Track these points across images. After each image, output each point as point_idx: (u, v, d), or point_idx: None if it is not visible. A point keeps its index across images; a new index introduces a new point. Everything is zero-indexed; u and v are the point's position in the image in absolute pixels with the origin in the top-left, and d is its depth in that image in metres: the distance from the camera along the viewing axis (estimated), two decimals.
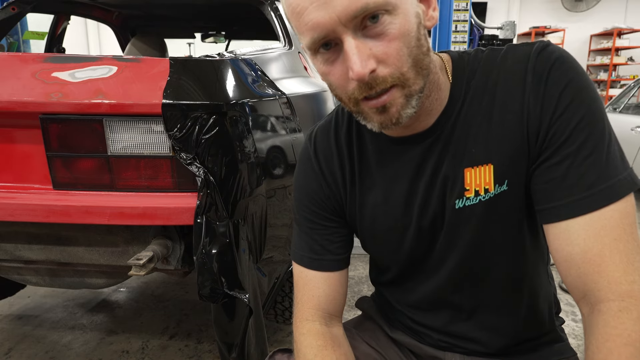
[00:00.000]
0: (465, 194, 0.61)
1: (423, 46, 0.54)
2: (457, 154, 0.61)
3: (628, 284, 0.52)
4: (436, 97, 0.60)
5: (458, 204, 0.62)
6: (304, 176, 0.74)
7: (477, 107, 0.60)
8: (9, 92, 0.95)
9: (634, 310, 0.51)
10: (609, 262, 0.53)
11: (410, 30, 0.51)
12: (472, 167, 0.60)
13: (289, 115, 1.24)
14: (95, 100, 0.93)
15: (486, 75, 0.60)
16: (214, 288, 0.98)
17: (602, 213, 0.53)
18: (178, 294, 2.23)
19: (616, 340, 0.51)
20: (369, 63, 0.50)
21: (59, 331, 1.89)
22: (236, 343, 1.06)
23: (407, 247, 0.69)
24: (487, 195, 0.60)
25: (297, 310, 0.77)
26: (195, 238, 0.97)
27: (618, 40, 8.09)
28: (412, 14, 0.52)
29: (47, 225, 1.06)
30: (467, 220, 0.63)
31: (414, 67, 0.53)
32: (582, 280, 0.55)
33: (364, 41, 0.51)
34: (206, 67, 1.00)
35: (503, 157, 0.59)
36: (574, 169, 0.54)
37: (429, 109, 0.60)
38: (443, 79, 0.61)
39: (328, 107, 2.05)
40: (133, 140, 0.98)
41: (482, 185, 0.60)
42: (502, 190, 0.60)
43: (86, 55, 1.01)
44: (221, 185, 0.96)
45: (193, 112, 0.93)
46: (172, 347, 1.78)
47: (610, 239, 0.53)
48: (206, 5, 2.30)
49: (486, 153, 0.60)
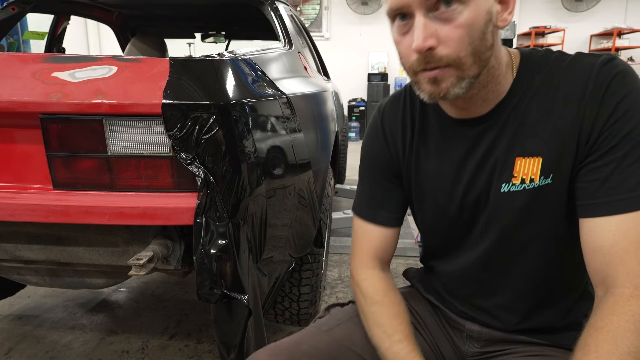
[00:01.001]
0: (512, 180, 0.68)
1: (487, 41, 0.60)
2: (511, 143, 0.67)
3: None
4: (493, 88, 0.67)
5: (504, 188, 0.69)
6: (371, 142, 0.85)
7: (537, 103, 0.66)
8: (9, 92, 0.95)
9: None
10: (633, 257, 0.58)
11: (477, 23, 0.58)
12: (523, 157, 0.67)
13: (289, 115, 1.24)
14: (95, 100, 0.93)
15: (551, 75, 0.66)
16: (213, 288, 0.98)
17: (636, 215, 0.59)
18: (178, 294, 2.23)
19: (620, 315, 0.57)
20: (429, 40, 0.58)
21: (59, 331, 1.89)
22: (235, 343, 1.06)
23: (450, 219, 0.77)
24: (531, 185, 0.67)
25: (356, 258, 0.89)
26: (195, 238, 0.97)
27: (618, 40, 8.09)
28: (483, 10, 0.58)
29: (47, 225, 1.06)
30: (509, 205, 0.69)
31: (472, 55, 0.60)
32: (604, 268, 0.61)
33: (433, 21, 0.58)
34: (206, 67, 1.00)
35: (552, 153, 0.65)
36: (617, 174, 0.60)
37: (485, 97, 0.67)
38: (506, 73, 0.67)
39: (328, 107, 2.05)
40: (133, 140, 0.98)
41: (529, 175, 0.67)
42: (546, 183, 0.66)
43: (86, 55, 1.01)
44: (221, 185, 0.96)
45: (193, 112, 0.93)
46: (172, 347, 1.78)
47: (638, 239, 0.59)
48: (206, 5, 2.30)
49: (538, 146, 0.66)
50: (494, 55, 0.63)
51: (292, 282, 1.58)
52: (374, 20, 8.64)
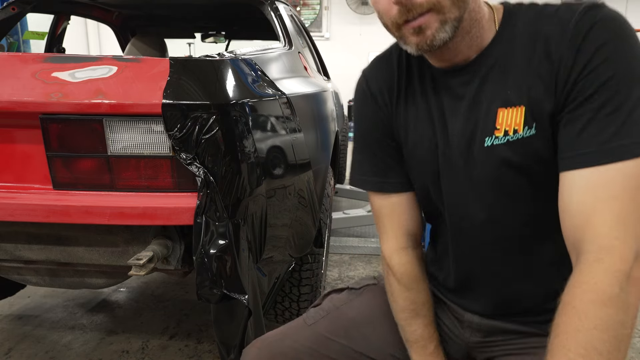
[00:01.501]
0: (495, 132, 0.64)
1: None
2: (493, 93, 0.65)
3: (610, 239, 0.53)
4: (477, 34, 0.65)
5: (487, 142, 0.65)
6: (360, 108, 0.82)
7: (520, 51, 0.63)
8: (9, 92, 0.95)
9: (606, 262, 0.53)
10: (599, 217, 0.54)
11: None
12: (505, 108, 0.63)
13: (289, 115, 1.24)
14: (95, 100, 0.93)
15: (534, 23, 0.63)
16: (213, 288, 0.98)
17: (606, 169, 0.54)
18: (178, 294, 2.23)
19: (582, 286, 0.53)
20: None
21: (59, 331, 1.89)
22: (235, 343, 1.06)
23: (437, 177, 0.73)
24: (515, 137, 0.63)
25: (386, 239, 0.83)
26: (195, 238, 0.97)
27: None
28: None
29: (47, 225, 1.06)
30: (493, 160, 0.65)
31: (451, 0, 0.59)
32: (573, 231, 0.57)
33: None
34: (206, 67, 1.01)
35: (534, 101, 0.61)
36: (594, 125, 0.56)
37: (469, 44, 0.65)
38: (489, 22, 0.66)
39: (328, 107, 2.05)
40: (133, 140, 0.98)
41: (512, 126, 0.63)
42: (530, 134, 0.62)
43: (86, 55, 1.01)
44: (221, 185, 0.96)
45: (193, 112, 0.93)
46: (172, 347, 1.78)
47: (606, 196, 0.54)
48: (206, 6, 2.30)
49: (519, 95, 0.62)
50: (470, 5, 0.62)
51: (292, 282, 1.58)
52: (374, 20, 8.64)
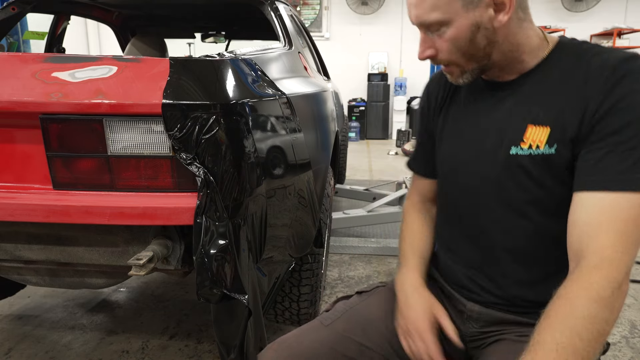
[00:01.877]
0: (521, 144, 0.75)
1: (478, 43, 0.74)
2: (527, 110, 0.76)
3: (612, 252, 0.63)
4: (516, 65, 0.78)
5: (512, 151, 0.76)
6: (421, 102, 1.00)
7: (557, 80, 0.74)
8: (9, 92, 0.95)
9: (605, 269, 0.63)
10: (605, 233, 0.64)
11: (461, 37, 0.73)
12: (534, 125, 0.74)
13: (289, 115, 1.24)
14: (95, 100, 0.93)
15: (578, 58, 0.73)
16: (213, 288, 0.98)
17: (617, 196, 0.64)
18: (178, 294, 2.23)
19: (579, 284, 0.63)
20: (427, 51, 0.77)
21: (59, 331, 1.89)
22: (235, 343, 1.06)
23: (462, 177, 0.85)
24: (537, 151, 0.74)
25: (408, 202, 1.05)
26: (195, 238, 0.97)
27: (618, 40, 8.08)
28: (465, 26, 0.72)
29: (47, 225, 1.06)
30: (514, 167, 0.76)
31: (463, 57, 0.76)
32: (578, 241, 0.67)
33: (431, 36, 0.76)
34: (206, 67, 1.01)
35: (559, 125, 0.72)
36: (612, 156, 0.66)
37: (508, 71, 0.79)
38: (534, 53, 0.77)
39: (328, 107, 2.05)
40: (133, 140, 0.98)
41: (536, 142, 0.74)
42: (550, 153, 0.73)
43: (86, 55, 1.01)
44: (221, 185, 0.96)
45: (193, 112, 0.93)
46: (172, 347, 1.78)
47: (614, 217, 0.64)
48: (206, 5, 2.30)
49: (548, 117, 0.73)
50: (498, 49, 0.75)
51: (292, 282, 1.58)
52: (374, 20, 8.63)
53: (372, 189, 3.62)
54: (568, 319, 0.61)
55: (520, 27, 0.76)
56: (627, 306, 2.16)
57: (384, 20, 8.60)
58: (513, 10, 0.72)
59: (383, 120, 8.67)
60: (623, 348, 1.81)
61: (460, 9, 0.71)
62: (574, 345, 0.60)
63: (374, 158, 6.57)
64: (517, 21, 0.75)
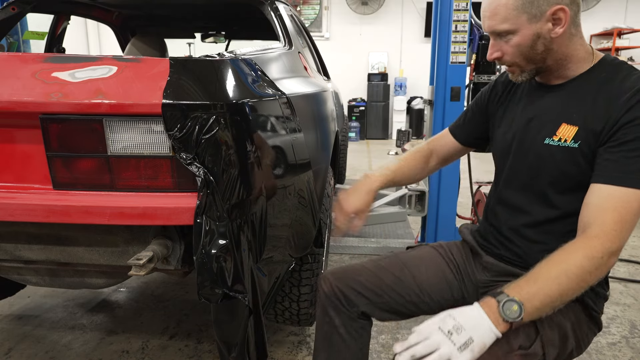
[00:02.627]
0: (553, 137, 0.95)
1: (536, 50, 0.92)
2: (564, 110, 0.95)
3: (611, 229, 0.82)
4: (565, 72, 0.97)
5: (546, 140, 0.96)
6: (486, 88, 1.20)
7: (592, 91, 0.92)
8: (9, 92, 0.95)
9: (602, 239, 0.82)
10: (609, 214, 0.83)
11: (524, 43, 0.92)
12: (567, 123, 0.94)
13: (289, 115, 1.24)
14: (95, 100, 0.93)
15: (612, 76, 0.91)
16: (213, 288, 0.98)
17: (624, 190, 0.83)
18: (178, 294, 2.23)
19: (580, 244, 0.83)
20: (495, 53, 0.97)
21: (59, 331, 1.89)
22: (236, 343, 1.06)
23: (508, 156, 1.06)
24: (564, 144, 0.93)
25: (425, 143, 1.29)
26: (195, 238, 0.97)
27: (618, 40, 8.08)
28: (529, 35, 0.91)
29: (47, 225, 1.06)
30: (542, 153, 0.97)
31: (524, 60, 0.95)
32: (587, 217, 0.86)
33: (499, 41, 0.95)
34: (206, 67, 1.01)
35: (585, 128, 0.90)
36: (624, 159, 0.85)
37: (558, 75, 0.98)
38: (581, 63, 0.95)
39: (328, 107, 2.05)
40: (133, 140, 0.98)
41: (565, 136, 0.93)
42: (573, 147, 0.92)
43: (86, 55, 1.01)
44: (221, 185, 0.96)
45: (193, 112, 0.93)
46: (172, 347, 1.78)
47: (618, 205, 0.83)
48: (206, 5, 2.30)
49: (578, 119, 0.92)
50: (551, 56, 0.93)
51: (292, 282, 1.58)
52: (374, 20, 8.64)
53: None
54: (562, 263, 0.81)
55: (571, 41, 0.93)
56: (627, 306, 2.16)
57: (384, 20, 8.60)
58: (567, 25, 0.89)
59: (383, 120, 8.67)
60: (623, 348, 1.81)
61: (526, 21, 0.90)
62: (560, 280, 0.80)
63: (374, 158, 6.57)
64: (569, 35, 0.92)
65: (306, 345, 1.80)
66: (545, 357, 0.91)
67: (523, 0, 0.88)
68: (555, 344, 0.92)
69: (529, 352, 0.88)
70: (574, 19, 0.91)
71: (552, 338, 0.92)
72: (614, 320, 2.03)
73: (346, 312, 1.07)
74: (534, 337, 0.90)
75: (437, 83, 2.48)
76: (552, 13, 0.88)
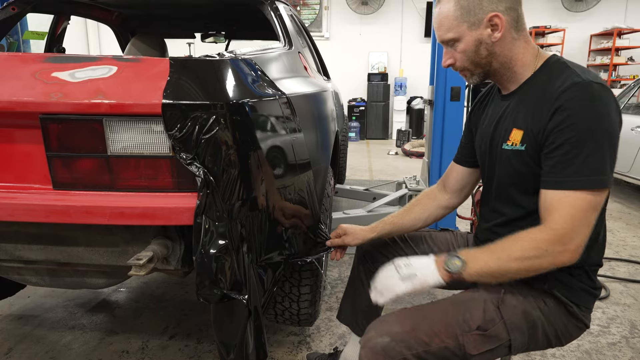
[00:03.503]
0: (507, 142, 1.04)
1: (480, 54, 1.01)
2: (515, 117, 1.03)
3: (562, 228, 0.90)
4: (512, 76, 1.05)
5: (504, 146, 1.05)
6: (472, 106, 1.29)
7: (534, 95, 0.99)
8: (9, 92, 0.95)
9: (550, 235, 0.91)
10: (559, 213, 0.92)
11: (468, 49, 1.01)
12: (516, 128, 1.01)
13: (289, 115, 1.24)
14: (95, 100, 0.93)
15: (549, 79, 0.97)
16: (213, 288, 0.98)
17: (567, 194, 0.91)
18: (178, 294, 2.23)
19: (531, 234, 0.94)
20: (447, 60, 1.07)
21: (59, 331, 1.89)
22: (235, 343, 1.06)
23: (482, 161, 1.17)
24: (514, 147, 1.02)
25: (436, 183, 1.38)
26: (195, 238, 0.97)
27: (618, 40, 8.08)
28: (471, 41, 1.00)
29: (47, 225, 1.06)
30: (502, 157, 1.06)
31: (472, 64, 1.03)
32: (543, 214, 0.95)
33: (449, 50, 1.05)
34: (206, 67, 1.01)
35: (529, 131, 0.98)
36: (560, 163, 0.92)
37: (507, 81, 1.06)
38: (526, 67, 1.03)
39: (328, 107, 2.05)
40: (133, 140, 0.98)
41: (515, 140, 1.02)
42: (521, 149, 1.00)
43: (86, 55, 1.01)
44: (221, 185, 0.96)
45: (193, 112, 0.93)
46: (172, 347, 1.78)
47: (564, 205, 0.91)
48: (206, 5, 2.30)
49: (523, 123, 1.00)
50: (495, 59, 1.02)
51: (292, 282, 1.57)
52: (374, 20, 8.64)
53: (372, 189, 3.62)
54: (511, 244, 0.94)
55: (513, 45, 1.01)
56: (627, 306, 2.16)
57: (384, 20, 8.60)
58: (504, 30, 0.98)
59: (383, 120, 8.67)
60: (623, 348, 1.81)
61: (467, 29, 0.99)
62: (501, 257, 0.94)
63: (374, 158, 6.57)
64: (511, 39, 1.01)
65: (306, 345, 1.80)
66: (512, 342, 1.00)
67: (462, 10, 0.98)
68: (522, 331, 1.01)
69: (488, 334, 0.98)
70: (514, 25, 0.99)
71: (519, 324, 1.00)
72: (614, 320, 2.03)
73: (369, 267, 1.35)
74: (496, 320, 0.99)
75: (437, 83, 2.48)
76: (489, 19, 0.97)
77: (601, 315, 2.07)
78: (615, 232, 3.28)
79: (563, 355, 1.75)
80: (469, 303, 1.03)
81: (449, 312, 1.01)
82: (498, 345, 1.00)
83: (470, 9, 0.98)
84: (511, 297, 1.03)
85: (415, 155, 6.55)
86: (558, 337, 1.05)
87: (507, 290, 1.04)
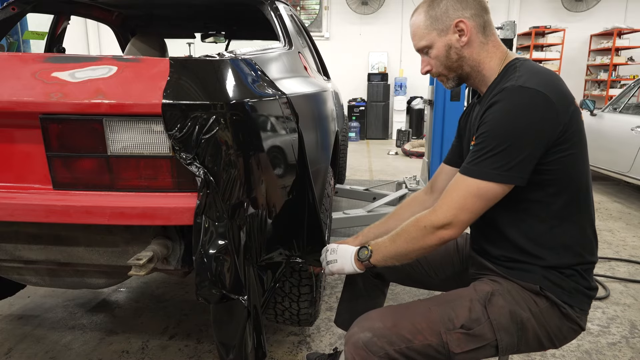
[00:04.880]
0: (471, 142, 1.04)
1: (451, 58, 1.08)
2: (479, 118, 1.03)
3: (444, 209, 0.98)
4: (482, 78, 1.10)
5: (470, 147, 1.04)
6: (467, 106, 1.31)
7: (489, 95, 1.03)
8: (9, 92, 0.95)
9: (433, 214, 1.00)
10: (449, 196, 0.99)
11: (440, 54, 1.08)
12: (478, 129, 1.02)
13: (289, 115, 1.24)
14: (95, 100, 0.93)
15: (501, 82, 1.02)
16: (212, 288, 0.98)
17: (467, 179, 0.98)
18: (178, 294, 2.23)
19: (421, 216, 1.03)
20: (425, 67, 1.15)
21: (59, 331, 1.89)
22: (234, 343, 1.06)
23: None
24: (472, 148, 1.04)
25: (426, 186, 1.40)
26: (195, 238, 0.97)
27: (618, 40, 8.08)
28: (442, 47, 1.07)
29: (47, 225, 1.06)
30: None
31: (446, 69, 1.10)
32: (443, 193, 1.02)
33: (425, 57, 1.13)
34: (206, 67, 1.01)
35: None
36: (472, 152, 0.99)
37: (479, 83, 1.12)
38: (492, 71, 1.08)
39: (328, 107, 2.05)
40: (133, 140, 0.98)
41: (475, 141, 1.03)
42: None
43: (86, 55, 1.01)
44: (221, 185, 0.96)
45: (193, 112, 0.93)
46: (172, 347, 1.78)
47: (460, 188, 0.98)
48: (206, 5, 2.30)
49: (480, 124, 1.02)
50: (466, 63, 1.08)
51: (292, 282, 1.57)
52: (374, 20, 8.63)
53: (372, 189, 3.62)
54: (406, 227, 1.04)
55: (482, 49, 1.07)
56: (627, 306, 2.16)
57: (384, 20, 8.60)
58: (471, 34, 1.05)
59: (383, 120, 8.67)
60: (623, 348, 1.81)
61: (437, 36, 1.07)
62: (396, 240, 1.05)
63: (374, 158, 6.57)
64: (480, 44, 1.07)
65: (306, 345, 1.80)
66: (498, 342, 1.01)
67: (431, 19, 1.07)
68: (510, 332, 1.01)
69: (472, 333, 1.00)
70: (481, 30, 1.06)
71: (506, 325, 1.01)
72: (614, 320, 2.03)
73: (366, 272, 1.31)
74: (482, 320, 1.01)
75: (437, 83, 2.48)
76: (455, 25, 1.05)
77: (601, 315, 2.07)
78: (615, 232, 3.28)
79: (563, 355, 1.75)
80: (455, 302, 1.05)
81: (433, 310, 1.03)
82: (483, 344, 1.00)
83: (439, 17, 1.06)
84: (499, 298, 1.04)
85: (415, 155, 6.55)
86: (551, 339, 1.05)
87: (496, 291, 1.05)
